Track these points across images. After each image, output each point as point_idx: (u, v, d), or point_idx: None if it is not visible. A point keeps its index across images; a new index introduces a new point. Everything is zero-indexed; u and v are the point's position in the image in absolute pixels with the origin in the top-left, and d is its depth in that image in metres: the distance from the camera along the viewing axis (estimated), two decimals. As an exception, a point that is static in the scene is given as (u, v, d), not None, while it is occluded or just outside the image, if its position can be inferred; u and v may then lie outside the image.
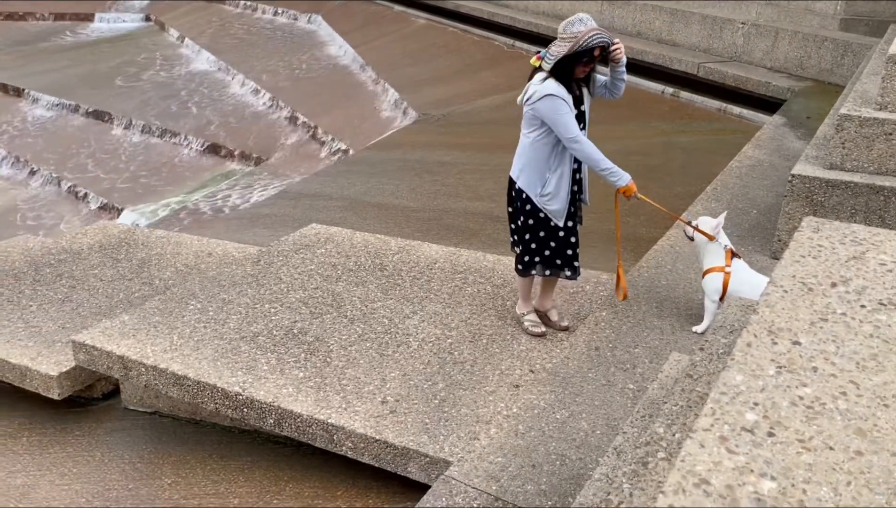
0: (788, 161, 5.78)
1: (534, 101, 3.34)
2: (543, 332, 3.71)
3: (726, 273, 3.34)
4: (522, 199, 3.49)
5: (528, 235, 3.54)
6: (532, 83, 3.41)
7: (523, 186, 3.47)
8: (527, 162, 3.46)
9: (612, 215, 3.69)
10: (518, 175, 3.50)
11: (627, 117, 9.24)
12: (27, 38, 17.84)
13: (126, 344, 3.56)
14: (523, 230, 3.55)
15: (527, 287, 3.73)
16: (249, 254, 4.65)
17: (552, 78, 3.32)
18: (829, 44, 8.53)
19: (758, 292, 3.02)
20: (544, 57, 3.36)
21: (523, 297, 3.78)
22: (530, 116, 3.40)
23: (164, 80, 14.45)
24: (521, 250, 3.60)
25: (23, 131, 12.78)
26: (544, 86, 3.32)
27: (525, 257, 3.59)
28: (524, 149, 3.48)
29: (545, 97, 3.30)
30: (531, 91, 3.38)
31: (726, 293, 3.35)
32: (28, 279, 4.66)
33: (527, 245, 3.57)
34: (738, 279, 3.36)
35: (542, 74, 3.37)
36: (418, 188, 7.38)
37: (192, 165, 11.16)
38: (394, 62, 12.90)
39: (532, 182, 3.45)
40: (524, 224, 3.54)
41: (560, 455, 2.79)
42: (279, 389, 3.25)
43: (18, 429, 3.86)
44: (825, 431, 1.26)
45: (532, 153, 3.43)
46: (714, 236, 3.46)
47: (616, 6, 11.26)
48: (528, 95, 3.40)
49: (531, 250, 3.57)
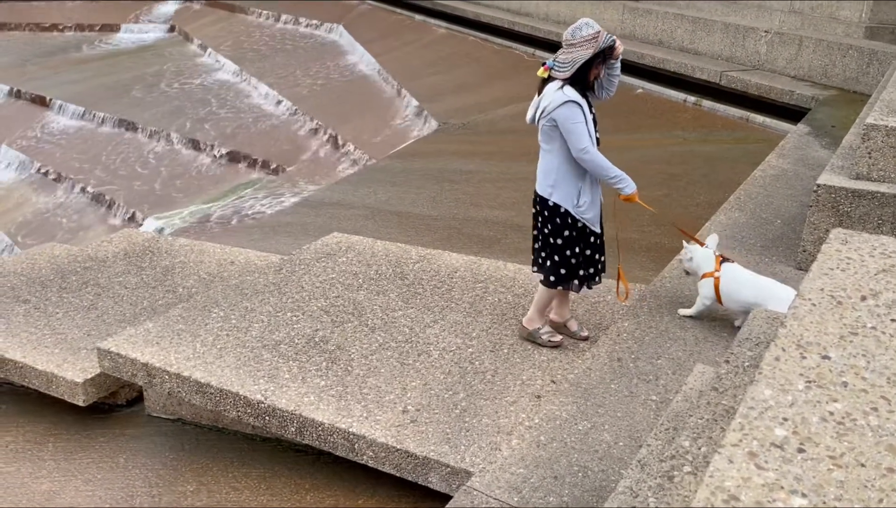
0: (813, 171, 5.71)
1: (552, 108, 3.29)
2: (562, 340, 3.70)
3: (716, 278, 3.53)
4: (561, 214, 3.44)
5: (567, 251, 3.49)
6: (546, 94, 3.35)
7: (559, 200, 3.42)
8: (559, 177, 3.40)
9: (632, 224, 3.68)
10: (551, 192, 3.43)
11: (649, 126, 9.21)
12: (54, 48, 18.15)
13: (150, 352, 3.59)
14: (563, 247, 3.48)
15: (548, 301, 3.68)
16: (271, 262, 4.68)
17: (567, 85, 3.30)
18: (853, 52, 8.45)
19: (749, 290, 3.44)
20: (553, 66, 3.32)
21: (541, 311, 3.69)
22: (548, 127, 3.36)
23: (188, 89, 14.62)
24: (557, 263, 3.52)
25: (49, 140, 12.98)
26: (563, 93, 3.29)
27: (561, 269, 3.52)
28: (552, 165, 3.42)
29: (566, 103, 3.27)
30: (547, 101, 3.33)
31: (721, 295, 3.55)
32: (54, 287, 4.72)
33: (566, 261, 3.51)
34: (728, 281, 3.53)
35: (556, 83, 3.33)
36: (439, 197, 7.39)
37: (215, 174, 11.26)
38: (415, 71, 12.96)
39: (568, 195, 3.41)
40: (566, 240, 3.47)
41: (582, 466, 2.77)
42: (301, 397, 3.26)
43: (44, 435, 3.90)
44: (856, 447, 1.24)
45: (562, 167, 3.38)
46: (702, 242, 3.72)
47: (638, 15, 11.24)
48: (542, 106, 3.35)
49: (570, 265, 3.52)
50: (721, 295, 3.54)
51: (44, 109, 14.03)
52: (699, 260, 3.64)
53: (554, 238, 3.50)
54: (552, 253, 3.52)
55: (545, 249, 3.55)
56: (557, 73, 3.31)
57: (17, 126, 13.55)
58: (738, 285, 3.50)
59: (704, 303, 3.63)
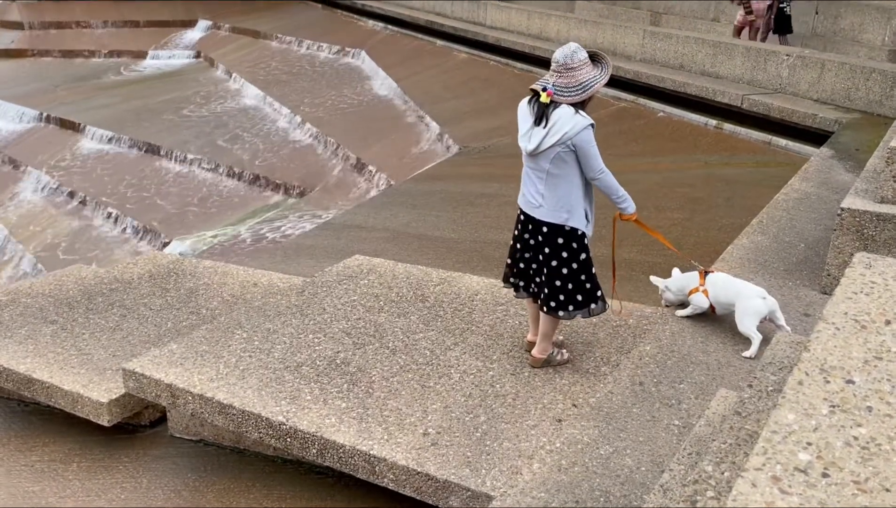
0: (837, 194, 5.67)
1: (575, 132, 3.22)
2: (571, 355, 3.73)
3: (704, 291, 3.85)
4: (578, 236, 3.41)
5: (583, 275, 3.46)
6: (561, 119, 3.25)
7: (576, 224, 3.39)
8: (574, 201, 3.37)
9: (653, 248, 3.71)
10: (567, 218, 3.38)
11: (671, 150, 9.20)
12: (84, 74, 18.57)
13: (174, 373, 3.63)
14: (579, 272, 3.45)
15: (554, 328, 3.64)
16: (294, 284, 4.73)
17: (581, 110, 3.29)
18: (877, 75, 8.40)
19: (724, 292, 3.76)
20: (556, 91, 3.25)
21: (551, 337, 3.64)
22: (564, 153, 3.28)
23: (212, 114, 14.86)
24: (572, 291, 3.47)
25: (77, 164, 13.24)
26: (581, 117, 3.26)
27: (578, 296, 3.48)
28: (565, 190, 3.36)
29: (588, 127, 3.25)
30: (567, 126, 3.23)
31: (713, 303, 3.85)
32: (81, 308, 4.79)
33: (582, 286, 3.47)
34: (713, 289, 3.83)
35: (568, 108, 3.26)
36: (460, 220, 7.42)
37: (239, 197, 11.41)
38: (436, 95, 13.08)
39: (580, 217, 3.41)
40: (581, 264, 3.44)
41: (604, 491, 2.75)
42: (322, 419, 3.27)
43: (69, 455, 3.94)
44: (881, 472, 1.23)
45: (575, 191, 3.36)
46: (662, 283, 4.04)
47: (658, 39, 11.28)
48: (563, 131, 3.24)
49: (587, 290, 3.48)
50: (713, 303, 3.85)
51: (73, 134, 14.33)
52: (676, 287, 3.96)
53: (569, 265, 3.44)
54: (569, 280, 3.47)
55: (556, 279, 3.47)
56: (566, 97, 3.26)
57: (46, 150, 13.84)
58: (718, 289, 3.81)
59: (699, 307, 3.89)
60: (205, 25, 21.23)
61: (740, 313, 3.65)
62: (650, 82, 10.67)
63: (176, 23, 21.65)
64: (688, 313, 3.94)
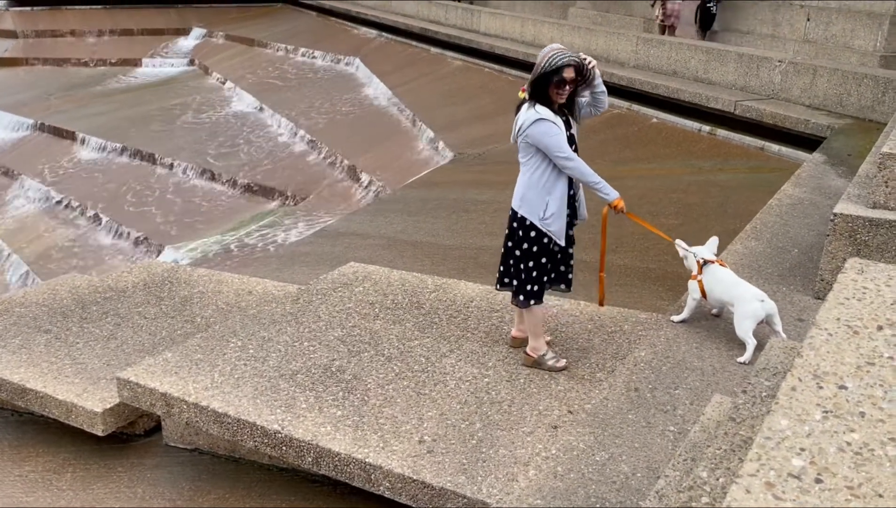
0: (830, 199, 5.70)
1: (525, 127, 3.46)
2: (567, 364, 3.74)
3: (699, 281, 3.91)
4: (525, 226, 3.58)
5: (531, 262, 3.62)
6: (520, 115, 3.54)
7: (526, 213, 3.57)
8: (526, 189, 3.57)
9: (648, 254, 3.72)
10: (520, 205, 3.60)
11: (665, 156, 9.23)
12: (78, 82, 18.54)
13: (168, 381, 3.62)
14: (524, 259, 3.62)
15: (540, 323, 3.74)
16: (289, 292, 4.72)
17: (537, 104, 3.47)
18: (869, 81, 8.45)
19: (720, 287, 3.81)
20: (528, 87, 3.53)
21: (538, 335, 3.73)
22: (524, 144, 3.53)
23: (207, 121, 14.85)
24: (523, 281, 3.64)
25: (72, 172, 13.21)
26: (533, 111, 3.47)
27: (529, 285, 3.64)
28: (523, 178, 3.60)
29: (536, 122, 3.44)
30: (521, 120, 3.50)
31: (706, 292, 3.91)
32: (75, 317, 4.78)
33: (528, 274, 3.64)
34: (710, 281, 3.87)
35: (527, 103, 3.52)
36: (455, 227, 7.43)
37: (233, 205, 11.39)
38: (430, 103, 13.11)
39: (534, 207, 3.55)
40: (525, 253, 3.61)
41: (600, 497, 2.76)
42: (317, 427, 3.27)
43: (63, 465, 3.92)
44: (874, 478, 1.24)
45: (531, 180, 3.54)
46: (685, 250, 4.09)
47: (651, 45, 11.33)
48: (519, 124, 3.52)
49: (533, 279, 3.64)
50: (706, 292, 3.91)
51: (67, 142, 14.30)
52: (689, 263, 4.09)
53: (518, 250, 3.63)
54: (522, 269, 3.64)
55: (509, 260, 3.68)
56: (526, 92, 3.54)
57: (40, 158, 13.81)
58: (715, 283, 3.86)
59: (694, 299, 3.96)
60: (199, 33, 21.25)
61: (738, 317, 3.66)
62: (644, 89, 10.71)
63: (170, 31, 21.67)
64: (683, 316, 3.98)
